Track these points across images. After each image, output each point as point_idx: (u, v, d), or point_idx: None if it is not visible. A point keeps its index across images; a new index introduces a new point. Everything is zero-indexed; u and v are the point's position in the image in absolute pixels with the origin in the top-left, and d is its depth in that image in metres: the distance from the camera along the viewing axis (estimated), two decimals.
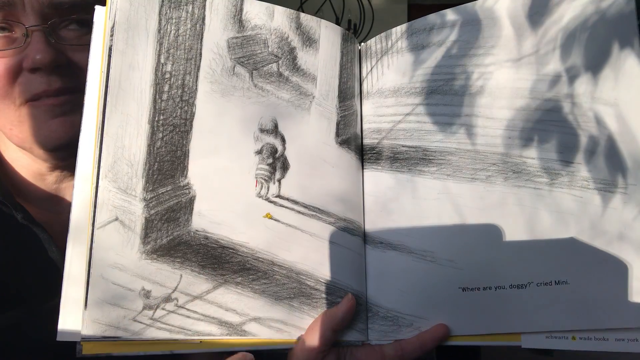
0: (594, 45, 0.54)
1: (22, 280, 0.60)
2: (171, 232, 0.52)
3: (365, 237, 0.60)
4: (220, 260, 0.53)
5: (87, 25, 0.61)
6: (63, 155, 0.63)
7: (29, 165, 0.66)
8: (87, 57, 0.55)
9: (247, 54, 0.57)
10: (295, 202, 0.56)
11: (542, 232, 0.53)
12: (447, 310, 0.56)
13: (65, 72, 0.59)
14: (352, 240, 0.58)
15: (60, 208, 0.68)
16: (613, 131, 0.52)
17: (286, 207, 0.56)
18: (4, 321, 0.57)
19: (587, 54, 0.54)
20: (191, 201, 0.53)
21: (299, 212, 0.56)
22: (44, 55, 0.57)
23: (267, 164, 0.56)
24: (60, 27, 0.60)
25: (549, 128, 0.54)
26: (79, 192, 0.52)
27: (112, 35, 0.53)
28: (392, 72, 0.61)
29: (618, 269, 0.51)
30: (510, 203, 0.54)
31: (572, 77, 0.54)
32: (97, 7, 0.54)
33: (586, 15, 0.54)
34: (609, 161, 0.52)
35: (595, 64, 0.53)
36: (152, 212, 0.52)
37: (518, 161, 0.54)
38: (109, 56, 0.52)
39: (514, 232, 0.54)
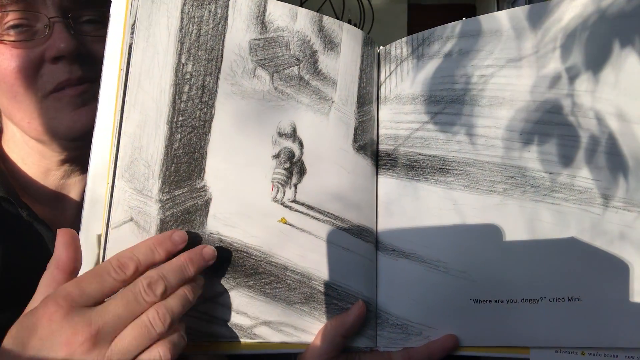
0: (595, 45, 0.54)
1: (24, 279, 0.60)
2: None
3: (377, 244, 0.60)
4: (233, 263, 0.53)
5: (101, 20, 0.62)
6: (81, 144, 0.63)
7: (38, 162, 0.66)
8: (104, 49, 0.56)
9: (269, 56, 0.56)
10: (311, 208, 0.56)
11: (558, 248, 0.53)
12: (457, 321, 0.56)
13: (86, 61, 0.60)
14: (364, 246, 0.58)
15: (64, 205, 0.69)
16: (614, 130, 0.52)
17: (301, 213, 0.56)
18: (5, 319, 0.57)
19: (587, 53, 0.54)
20: (207, 204, 0.53)
21: (313, 217, 0.56)
22: (68, 43, 0.58)
23: (284, 169, 0.55)
24: (80, 21, 0.61)
25: (553, 132, 0.54)
26: (91, 191, 0.51)
27: (132, 33, 0.52)
28: (411, 79, 0.60)
29: (630, 281, 0.51)
30: (527, 218, 0.54)
31: (572, 78, 0.54)
32: (114, 0, 0.53)
33: (586, 14, 0.54)
34: (610, 161, 0.52)
35: (596, 63, 0.53)
36: (168, 213, 0.52)
37: (537, 175, 0.54)
38: (129, 54, 0.52)
39: (529, 246, 0.54)
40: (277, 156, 0.55)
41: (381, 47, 0.64)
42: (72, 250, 0.47)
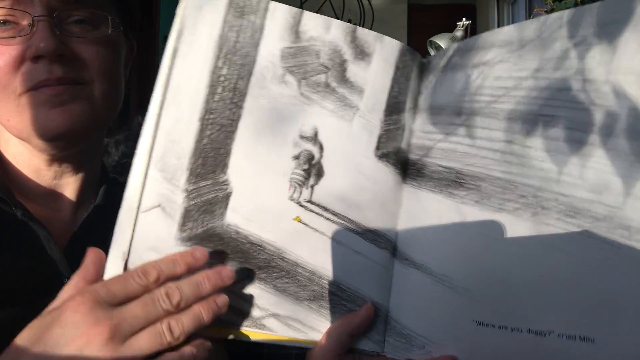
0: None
1: (20, 278, 0.61)
2: (206, 223, 0.57)
3: (395, 252, 0.60)
4: (247, 255, 0.57)
5: (90, 21, 0.64)
6: (61, 145, 0.65)
7: (29, 160, 0.67)
8: (90, 51, 0.62)
9: (299, 64, 0.59)
10: (325, 209, 0.58)
11: (571, 278, 0.49)
12: (459, 341, 0.54)
13: (67, 62, 0.61)
14: (379, 253, 0.59)
15: (59, 204, 0.70)
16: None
17: (315, 213, 0.58)
18: (2, 318, 0.58)
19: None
20: (228, 196, 0.57)
21: (327, 219, 0.58)
22: (48, 43, 0.59)
23: (303, 170, 0.58)
24: (67, 21, 0.62)
25: (579, 153, 0.50)
26: (134, 179, 0.56)
27: (179, 38, 0.58)
28: (443, 89, 0.60)
29: None
30: (537, 241, 0.51)
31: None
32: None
33: None
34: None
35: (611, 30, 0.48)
36: (192, 203, 0.57)
37: (550, 197, 0.51)
38: (173, 57, 0.58)
39: (538, 272, 0.50)
40: (297, 157, 0.58)
41: (427, 57, 0.64)
42: (100, 267, 0.52)
